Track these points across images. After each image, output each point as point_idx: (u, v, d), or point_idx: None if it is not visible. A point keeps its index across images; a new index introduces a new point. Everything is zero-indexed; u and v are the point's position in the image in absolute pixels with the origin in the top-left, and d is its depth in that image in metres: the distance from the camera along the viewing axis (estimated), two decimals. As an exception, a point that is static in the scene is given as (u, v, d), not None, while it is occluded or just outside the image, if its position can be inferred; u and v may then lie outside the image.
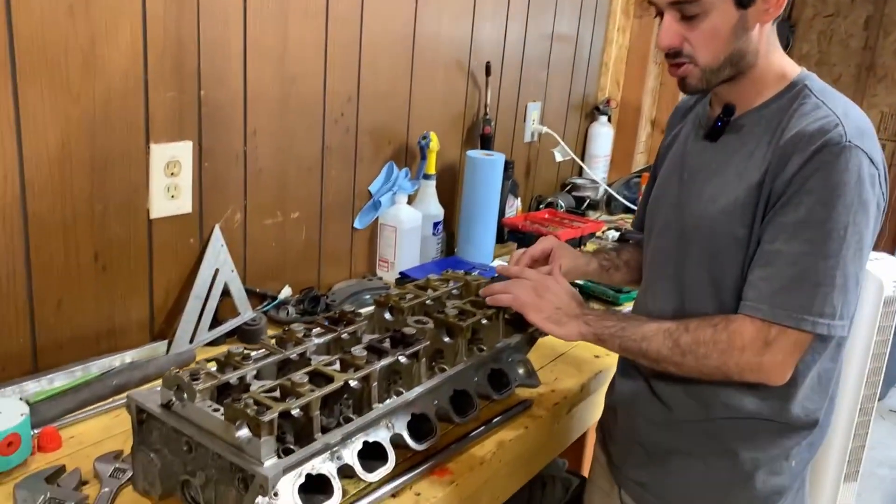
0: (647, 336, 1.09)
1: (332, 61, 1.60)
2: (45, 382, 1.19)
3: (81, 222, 1.23)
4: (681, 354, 1.06)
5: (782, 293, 1.01)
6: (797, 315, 1.00)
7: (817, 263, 0.99)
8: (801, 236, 1.00)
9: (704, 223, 1.10)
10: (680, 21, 1.04)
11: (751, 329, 1.02)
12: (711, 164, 1.12)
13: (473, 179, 1.97)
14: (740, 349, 1.03)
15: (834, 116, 1.01)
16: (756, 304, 1.02)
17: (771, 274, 1.02)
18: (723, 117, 1.11)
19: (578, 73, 2.59)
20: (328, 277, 1.75)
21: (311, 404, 0.91)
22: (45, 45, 1.12)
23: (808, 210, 0.99)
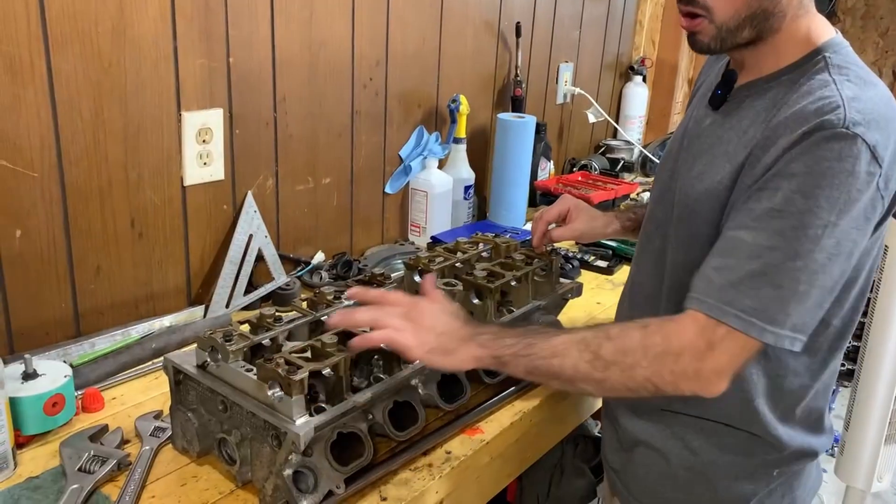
0: (558, 351, 0.90)
1: (359, 25, 1.59)
2: (88, 346, 1.22)
3: (117, 189, 1.26)
4: (603, 368, 0.89)
5: (735, 288, 0.86)
6: (747, 317, 0.85)
7: (784, 262, 0.84)
8: (771, 226, 0.85)
9: (688, 202, 0.99)
10: None
11: (693, 328, 0.87)
12: (706, 137, 1.01)
13: (504, 142, 1.95)
14: (677, 353, 0.87)
15: (838, 97, 0.86)
16: (703, 296, 0.88)
17: (728, 265, 0.87)
18: (722, 85, 1.00)
19: (612, 31, 2.54)
20: (360, 243, 1.76)
21: (340, 364, 0.92)
22: (76, 16, 1.13)
23: (785, 198, 0.84)
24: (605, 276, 1.74)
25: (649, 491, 1.11)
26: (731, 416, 1.02)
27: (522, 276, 1.25)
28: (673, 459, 1.07)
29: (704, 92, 1.09)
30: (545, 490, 1.72)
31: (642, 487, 1.12)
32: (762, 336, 0.86)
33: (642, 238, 1.15)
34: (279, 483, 0.88)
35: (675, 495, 1.09)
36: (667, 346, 0.88)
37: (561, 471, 1.73)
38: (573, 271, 1.69)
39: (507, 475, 1.25)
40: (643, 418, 1.09)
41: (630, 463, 1.13)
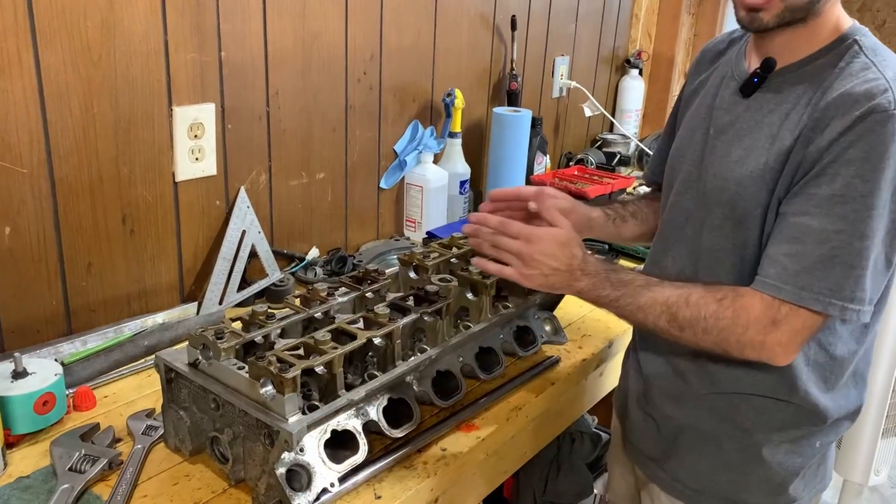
0: (643, 307, 1.01)
1: (353, 18, 1.57)
2: (79, 344, 1.21)
3: (108, 185, 1.24)
4: (679, 329, 0.99)
5: (810, 273, 0.92)
6: (825, 298, 0.91)
7: (852, 243, 0.90)
8: (835, 212, 0.90)
9: (729, 186, 1.02)
10: None
11: (759, 306, 0.94)
12: (743, 122, 1.03)
13: (500, 136, 1.94)
14: (744, 326, 0.95)
15: (883, 79, 0.91)
16: (778, 283, 0.94)
17: (798, 251, 0.93)
18: (760, 72, 1.01)
19: (608, 25, 2.52)
20: (355, 238, 1.75)
21: (333, 361, 0.91)
22: (64, 9, 1.12)
23: (846, 183, 0.89)
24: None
25: (701, 476, 1.12)
26: (779, 390, 1.04)
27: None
28: (724, 442, 1.09)
29: (721, 83, 1.09)
30: (542, 486, 1.72)
31: (693, 473, 1.13)
32: (844, 314, 0.92)
33: (668, 229, 1.16)
34: (272, 482, 0.87)
35: (728, 477, 1.10)
36: (735, 319, 0.95)
37: (557, 467, 1.72)
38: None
39: (503, 472, 1.24)
40: (688, 405, 1.10)
41: (675, 450, 1.13)
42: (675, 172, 1.15)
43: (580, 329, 1.43)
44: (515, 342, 1.24)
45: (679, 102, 1.25)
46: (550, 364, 1.28)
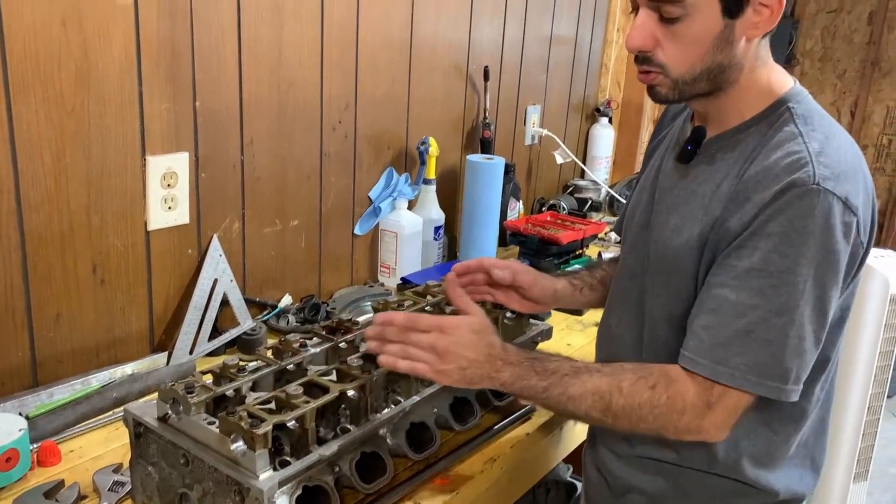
0: (574, 398, 0.96)
1: (328, 67, 1.59)
2: (45, 396, 1.18)
3: (79, 235, 1.23)
4: (613, 418, 0.96)
5: (724, 347, 0.90)
6: (741, 375, 0.90)
7: (769, 319, 0.89)
8: (751, 285, 0.89)
9: (667, 255, 1.01)
10: (657, 21, 0.92)
11: (692, 390, 0.92)
12: (680, 190, 1.02)
13: (474, 183, 1.96)
14: (680, 412, 0.93)
15: (806, 153, 0.89)
16: (696, 356, 0.92)
17: (715, 323, 0.91)
18: (691, 140, 1.01)
19: (578, 74, 2.58)
20: (329, 284, 1.75)
21: (305, 416, 0.90)
22: (38, 58, 1.12)
23: (763, 257, 0.88)
24: (574, 318, 1.74)
25: None
26: (719, 466, 1.02)
27: (493, 320, 1.24)
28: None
29: (670, 144, 1.10)
30: (517, 536, 1.70)
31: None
32: (757, 390, 0.91)
33: (616, 289, 1.15)
34: (242, 540, 0.85)
35: None
36: (671, 406, 0.94)
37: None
38: (543, 312, 1.69)
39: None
40: (635, 466, 1.09)
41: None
42: (627, 231, 1.15)
43: (554, 377, 1.43)
44: (490, 391, 1.23)
45: (645, 157, 1.25)
46: (525, 413, 1.28)
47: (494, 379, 0.98)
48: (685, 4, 0.89)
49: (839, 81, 4.15)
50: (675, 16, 0.91)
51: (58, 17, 1.12)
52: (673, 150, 1.07)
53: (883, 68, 4.00)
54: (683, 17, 0.90)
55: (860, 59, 4.06)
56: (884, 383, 1.92)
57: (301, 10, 1.50)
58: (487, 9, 2.04)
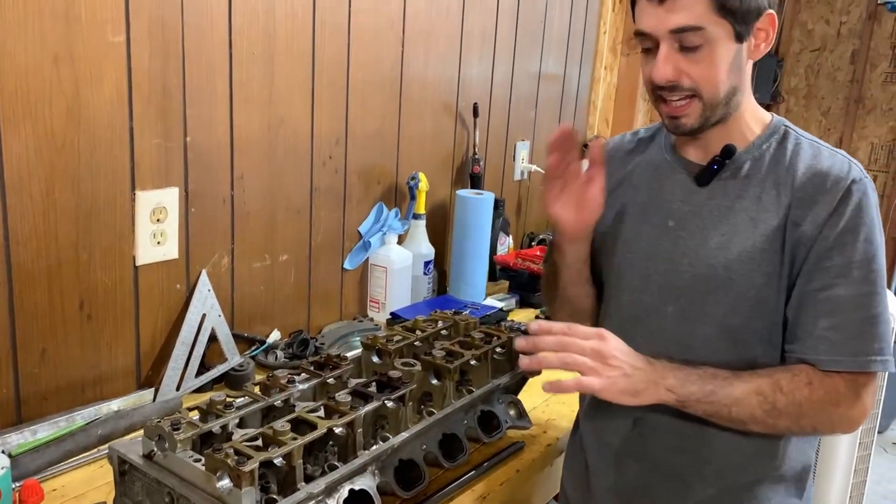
0: (739, 400, 0.99)
1: (319, 104, 1.61)
2: (29, 434, 1.17)
3: (66, 270, 1.22)
4: (776, 416, 0.99)
5: (857, 340, 0.98)
6: (878, 358, 0.98)
7: (875, 301, 0.98)
8: (857, 277, 0.98)
9: (717, 273, 1.03)
10: (679, 52, 0.98)
11: (842, 383, 0.99)
12: (711, 210, 1.05)
13: (464, 218, 1.97)
14: (835, 403, 0.99)
15: (840, 155, 1.02)
16: (835, 356, 0.98)
17: (837, 322, 0.98)
18: (720, 159, 1.05)
19: (566, 111, 2.61)
20: (318, 319, 1.74)
21: (293, 453, 0.89)
22: (30, 95, 1.12)
23: (858, 249, 0.98)
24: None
25: None
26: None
27: (482, 355, 1.24)
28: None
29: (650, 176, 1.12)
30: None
31: None
32: (888, 367, 0.99)
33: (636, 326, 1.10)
34: (227, 581, 0.84)
35: None
36: (828, 399, 0.99)
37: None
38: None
39: (468, 563, 1.21)
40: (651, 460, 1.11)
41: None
42: (627, 269, 1.12)
43: (545, 413, 1.42)
44: (480, 428, 1.22)
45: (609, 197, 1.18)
46: (515, 450, 1.27)
47: (660, 385, 0.99)
48: (705, 32, 0.96)
49: (824, 118, 4.22)
50: (695, 45, 0.97)
51: (50, 55, 1.13)
52: (672, 178, 1.09)
53: (866, 105, 4.07)
54: (703, 45, 0.97)
55: (844, 97, 4.13)
56: (874, 418, 1.92)
57: (292, 48, 1.52)
58: (476, 47, 2.07)
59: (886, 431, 3.41)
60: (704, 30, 0.96)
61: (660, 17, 0.97)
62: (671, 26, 0.96)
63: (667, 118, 1.04)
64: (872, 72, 4.03)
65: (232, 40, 1.40)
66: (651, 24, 0.98)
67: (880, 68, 4.02)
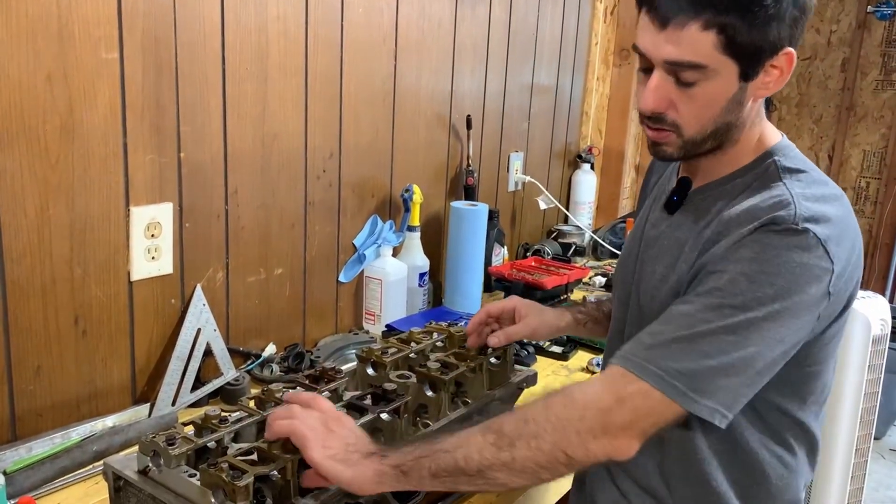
0: (461, 441, 0.86)
1: (312, 118, 1.62)
2: (24, 451, 1.16)
3: (61, 286, 1.23)
4: (508, 445, 0.83)
5: (660, 349, 0.86)
6: (668, 378, 0.84)
7: (717, 334, 0.84)
8: (710, 302, 0.86)
9: (654, 305, 0.99)
10: (673, 84, 0.91)
11: (601, 382, 0.88)
12: (665, 240, 1.03)
13: (458, 230, 1.98)
14: (582, 408, 0.84)
15: (788, 196, 0.90)
16: (628, 354, 0.88)
17: (660, 330, 0.88)
18: (677, 191, 1.02)
19: (559, 122, 2.63)
20: (314, 332, 1.74)
21: (287, 467, 0.89)
22: (23, 113, 1.13)
23: (730, 279, 0.86)
24: (560, 363, 1.73)
25: None
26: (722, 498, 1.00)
27: (477, 367, 1.24)
28: None
29: (658, 195, 1.11)
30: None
31: None
32: (683, 401, 0.84)
33: (610, 343, 1.15)
34: None
35: None
36: (570, 402, 0.86)
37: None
38: (528, 357, 1.69)
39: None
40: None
41: None
42: (616, 282, 1.16)
43: (540, 423, 1.42)
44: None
45: (638, 204, 1.26)
46: (510, 461, 1.27)
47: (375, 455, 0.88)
48: (706, 70, 0.88)
49: (816, 126, 4.25)
50: (692, 81, 0.89)
51: (43, 72, 1.14)
52: (659, 199, 1.09)
53: (858, 113, 4.10)
54: (700, 82, 0.89)
55: (835, 105, 4.16)
56: (870, 425, 1.92)
57: (285, 63, 1.53)
58: (468, 59, 2.08)
59: (883, 438, 3.41)
60: (706, 68, 0.88)
61: (658, 43, 0.89)
62: (668, 57, 0.89)
63: (649, 142, 0.99)
64: (863, 80, 4.06)
65: (225, 56, 1.41)
66: (647, 47, 0.91)
67: (871, 76, 4.05)
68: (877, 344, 1.84)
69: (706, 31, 0.86)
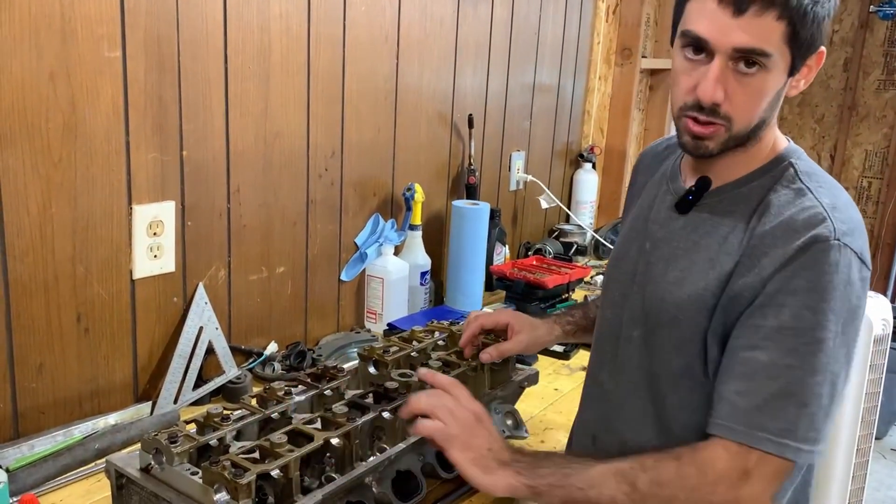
0: (595, 482, 0.90)
1: (314, 117, 1.62)
2: (26, 448, 1.17)
3: (63, 284, 1.23)
4: (640, 500, 0.88)
5: (762, 412, 0.87)
6: (780, 440, 0.86)
7: (804, 379, 0.86)
8: (785, 345, 0.87)
9: (667, 308, 0.99)
10: (732, 73, 0.89)
11: (725, 456, 0.88)
12: (679, 241, 1.01)
13: (460, 229, 1.98)
14: (713, 483, 0.87)
15: (821, 208, 0.90)
16: (730, 423, 0.88)
17: (749, 388, 0.88)
18: (695, 191, 1.00)
19: (561, 121, 2.63)
20: (315, 331, 1.74)
21: (289, 465, 0.89)
22: (26, 111, 1.13)
23: (794, 315, 0.87)
24: (561, 362, 1.74)
25: None
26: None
27: (478, 365, 1.25)
28: None
29: (656, 195, 1.09)
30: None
31: None
32: (797, 456, 0.87)
33: (603, 344, 1.13)
34: None
35: None
36: (702, 477, 0.88)
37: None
38: (530, 357, 1.69)
39: (466, 574, 1.21)
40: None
41: None
42: (610, 282, 1.14)
43: (542, 423, 1.42)
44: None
45: (626, 204, 1.25)
46: (512, 459, 1.27)
47: (510, 465, 0.94)
48: (769, 60, 0.88)
49: (818, 126, 4.24)
50: (753, 70, 0.89)
51: (46, 71, 1.14)
52: (664, 198, 1.07)
53: (860, 112, 4.10)
54: (759, 72, 0.89)
55: (837, 105, 4.16)
56: (871, 425, 1.92)
57: (287, 62, 1.53)
58: (470, 59, 2.08)
59: (884, 438, 3.41)
60: (771, 57, 0.88)
61: (728, 30, 0.87)
62: (739, 44, 0.87)
63: (689, 136, 0.95)
64: (865, 79, 4.06)
65: (227, 54, 1.41)
66: (713, 34, 0.88)
67: (873, 76, 4.05)
68: (878, 344, 1.83)
69: (780, 20, 0.86)
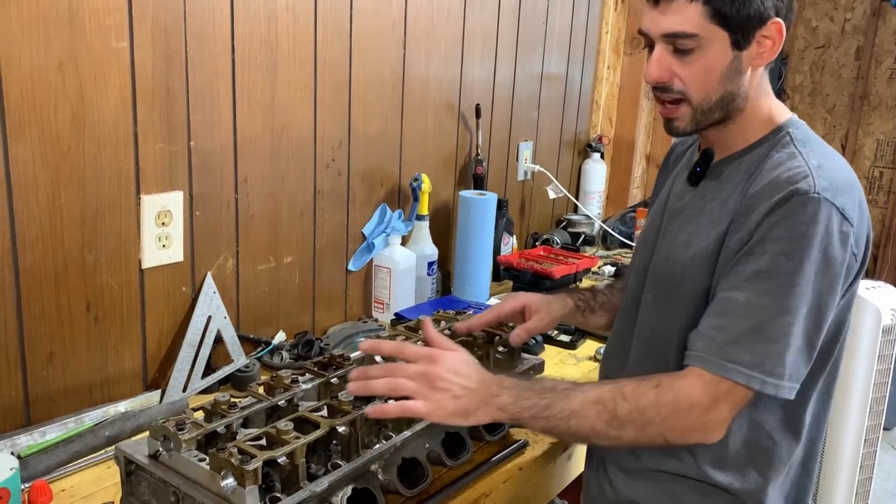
0: (576, 412, 0.97)
1: (321, 107, 1.62)
2: (38, 435, 1.18)
3: (73, 273, 1.24)
4: (619, 426, 0.96)
5: (734, 346, 0.95)
6: (749, 371, 0.94)
7: (775, 318, 0.94)
8: (759, 287, 0.95)
9: (675, 269, 1.06)
10: (672, 54, 1.01)
11: (699, 385, 0.95)
12: (689, 209, 1.09)
13: (467, 219, 1.98)
14: (687, 409, 0.95)
15: (806, 168, 0.97)
16: (707, 354, 0.96)
17: (724, 324, 0.96)
18: (701, 163, 1.09)
19: (569, 111, 2.62)
20: (323, 321, 1.75)
21: (296, 452, 0.90)
22: (35, 101, 1.14)
23: (771, 260, 0.94)
24: (568, 351, 1.74)
25: None
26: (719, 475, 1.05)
27: (484, 355, 1.25)
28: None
29: (678, 173, 1.18)
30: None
31: None
32: (763, 387, 0.94)
33: (621, 314, 1.21)
34: (232, 579, 0.85)
35: None
36: (678, 403, 0.96)
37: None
38: (536, 346, 1.70)
39: (472, 561, 1.22)
40: (639, 480, 1.11)
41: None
42: (635, 254, 1.22)
43: (547, 411, 1.43)
44: (482, 426, 1.23)
45: (654, 187, 1.33)
46: (518, 448, 1.28)
47: (491, 404, 0.98)
48: (698, 38, 0.98)
49: (829, 115, 4.21)
50: (688, 48, 0.99)
51: (55, 61, 1.15)
52: (682, 175, 1.15)
53: (872, 102, 4.06)
54: (696, 49, 0.99)
55: (849, 94, 4.12)
56: (879, 415, 1.91)
57: (294, 52, 1.53)
58: (478, 48, 2.08)
59: (893, 429, 3.39)
60: (697, 36, 0.98)
61: (654, 20, 1.01)
62: (664, 30, 1.00)
63: (663, 119, 1.08)
64: (877, 68, 4.02)
65: (235, 45, 1.41)
66: (647, 25, 1.03)
67: (885, 65, 4.00)
68: (887, 334, 1.83)
69: (693, 2, 0.97)
